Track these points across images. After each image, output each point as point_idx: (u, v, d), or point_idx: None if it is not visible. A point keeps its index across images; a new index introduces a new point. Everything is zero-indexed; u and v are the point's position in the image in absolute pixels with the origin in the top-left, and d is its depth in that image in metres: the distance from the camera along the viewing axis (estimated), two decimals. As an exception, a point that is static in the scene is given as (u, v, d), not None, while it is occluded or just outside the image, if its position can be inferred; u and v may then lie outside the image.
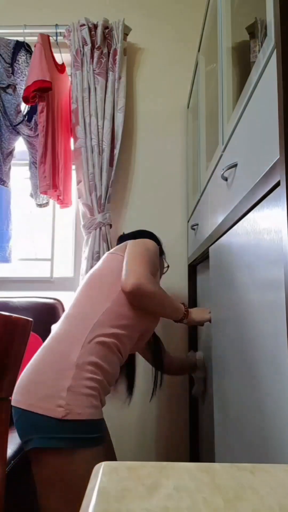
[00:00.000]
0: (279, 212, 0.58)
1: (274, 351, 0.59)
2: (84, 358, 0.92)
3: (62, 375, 0.89)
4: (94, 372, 0.92)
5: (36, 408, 0.86)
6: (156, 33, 1.91)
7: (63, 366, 0.91)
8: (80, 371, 0.90)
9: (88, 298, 1.04)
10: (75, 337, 0.95)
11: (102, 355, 0.95)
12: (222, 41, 1.03)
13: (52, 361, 0.92)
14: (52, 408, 0.85)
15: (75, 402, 0.86)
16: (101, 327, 0.97)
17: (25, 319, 0.62)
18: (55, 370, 0.91)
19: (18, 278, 1.89)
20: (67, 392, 0.87)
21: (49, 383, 0.89)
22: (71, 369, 0.90)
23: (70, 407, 0.85)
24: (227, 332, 0.91)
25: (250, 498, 0.30)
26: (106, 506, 0.28)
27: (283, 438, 0.54)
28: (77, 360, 0.91)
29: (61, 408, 0.85)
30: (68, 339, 0.95)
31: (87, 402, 0.88)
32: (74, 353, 0.92)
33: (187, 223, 1.78)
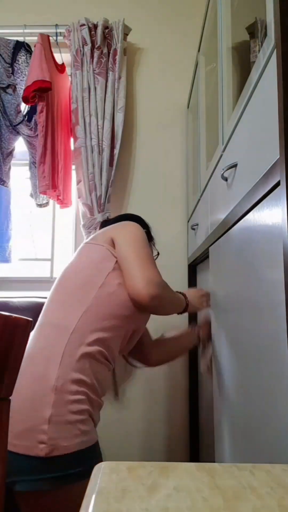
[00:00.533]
0: (279, 212, 0.58)
1: (274, 351, 0.59)
2: (64, 378, 0.78)
3: (40, 403, 0.75)
4: (79, 392, 0.78)
5: (14, 447, 0.72)
6: (156, 33, 1.91)
7: (41, 393, 0.76)
8: (62, 395, 0.76)
9: (60, 301, 0.89)
10: (51, 354, 0.80)
11: (86, 369, 0.81)
12: (222, 41, 1.03)
13: (26, 387, 0.77)
14: (32, 445, 0.72)
15: (59, 435, 0.73)
16: (80, 336, 0.83)
17: (25, 319, 0.61)
18: (30, 398, 0.76)
19: (18, 278, 1.89)
20: (49, 424, 0.73)
21: (25, 415, 0.75)
22: (50, 395, 0.76)
23: (54, 441, 0.72)
24: (227, 332, 0.91)
25: (250, 498, 0.30)
26: (106, 506, 0.28)
27: (283, 438, 0.54)
28: (55, 383, 0.77)
29: (43, 445, 0.72)
30: (42, 357, 0.80)
31: (75, 431, 0.75)
32: (51, 374, 0.77)
33: (187, 223, 1.78)
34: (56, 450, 0.72)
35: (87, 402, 0.80)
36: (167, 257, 1.80)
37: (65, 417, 0.75)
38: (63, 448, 0.73)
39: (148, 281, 0.85)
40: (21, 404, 0.75)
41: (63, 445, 0.73)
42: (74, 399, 0.77)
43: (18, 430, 0.73)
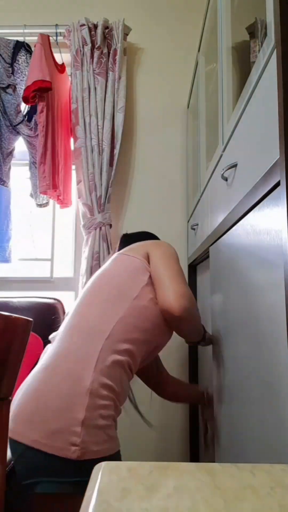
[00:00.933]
0: (279, 212, 0.58)
1: (274, 351, 0.58)
2: (98, 382, 0.78)
3: (75, 405, 0.75)
4: (109, 398, 0.79)
5: (44, 447, 0.72)
6: (156, 33, 1.91)
7: (75, 394, 0.76)
8: (95, 399, 0.77)
9: (95, 306, 0.89)
10: (86, 357, 0.80)
11: (116, 377, 0.82)
12: (222, 41, 1.03)
13: (60, 386, 0.77)
14: (64, 447, 0.72)
15: (91, 439, 0.73)
16: (114, 343, 0.83)
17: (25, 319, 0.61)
18: (65, 398, 0.76)
19: (18, 278, 1.89)
20: (82, 427, 0.73)
21: (59, 415, 0.74)
22: (85, 397, 0.76)
23: (86, 445, 0.72)
24: (227, 332, 0.91)
25: (250, 498, 0.30)
26: (106, 506, 0.28)
27: (283, 438, 0.54)
28: (90, 386, 0.77)
29: (75, 447, 0.71)
30: (77, 359, 0.80)
31: (104, 436, 0.76)
32: (86, 377, 0.78)
33: (187, 223, 1.78)
34: (88, 454, 0.72)
35: (114, 408, 0.80)
36: (167, 257, 1.80)
37: (96, 422, 0.75)
38: (94, 452, 0.73)
39: (180, 295, 0.88)
40: (55, 402, 0.75)
41: (94, 449, 0.73)
42: (104, 404, 0.78)
43: (50, 430, 0.73)
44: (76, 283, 1.82)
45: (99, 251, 1.66)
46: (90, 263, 1.65)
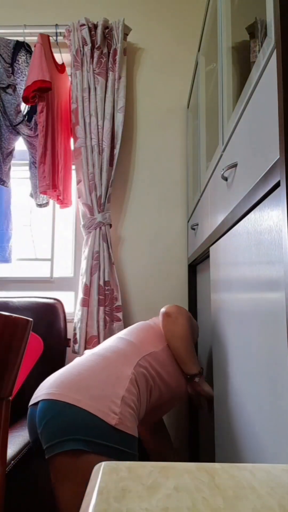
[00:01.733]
0: (279, 212, 0.58)
1: (274, 351, 0.59)
2: (135, 376, 0.93)
3: (119, 382, 0.87)
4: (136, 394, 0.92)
5: (87, 406, 0.79)
6: (156, 33, 1.91)
7: (120, 375, 0.89)
8: (132, 386, 0.89)
9: (145, 332, 1.11)
10: (130, 356, 0.98)
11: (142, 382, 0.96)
12: (222, 41, 1.03)
13: (108, 367, 0.90)
14: (106, 411, 0.80)
15: (126, 414, 0.83)
16: (150, 359, 1.02)
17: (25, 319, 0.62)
18: (112, 375, 0.88)
19: (18, 278, 1.89)
20: (121, 401, 0.83)
21: (103, 385, 0.84)
22: (126, 380, 0.89)
23: (123, 416, 0.82)
24: (227, 332, 0.91)
25: (250, 498, 0.30)
26: (106, 506, 0.28)
27: (283, 438, 0.54)
28: (131, 375, 0.91)
29: (114, 415, 0.80)
30: (123, 355, 0.97)
31: (133, 419, 0.85)
32: (129, 368, 0.92)
33: (187, 223, 1.78)
34: (123, 425, 0.81)
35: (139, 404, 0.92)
36: (167, 257, 1.80)
37: (130, 403, 0.86)
38: (127, 427, 0.82)
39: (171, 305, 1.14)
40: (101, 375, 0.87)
41: (127, 424, 0.82)
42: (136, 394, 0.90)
43: (95, 394, 0.81)
44: (76, 283, 1.83)
45: (99, 251, 1.66)
46: (90, 263, 1.65)
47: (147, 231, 1.82)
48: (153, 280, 1.79)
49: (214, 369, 1.08)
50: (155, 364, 1.02)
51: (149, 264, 1.80)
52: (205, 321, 1.44)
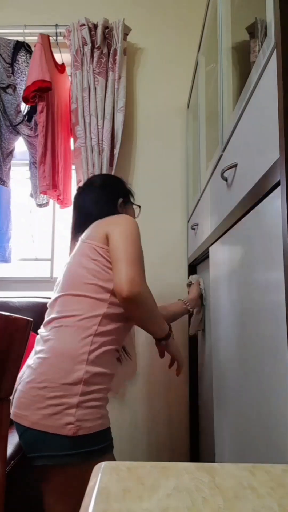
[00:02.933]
0: (279, 212, 0.58)
1: (274, 351, 0.59)
2: (90, 372, 0.88)
3: (70, 392, 0.85)
4: (101, 383, 0.90)
5: (42, 427, 0.83)
6: (156, 33, 1.91)
7: (70, 382, 0.86)
8: (88, 386, 0.87)
9: (79, 302, 0.95)
10: (77, 354, 0.89)
11: (107, 363, 0.92)
12: (222, 41, 1.03)
13: (55, 378, 0.87)
14: (61, 426, 0.82)
15: (85, 417, 0.84)
16: (101, 337, 0.92)
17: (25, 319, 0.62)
18: (60, 387, 0.86)
19: (18, 278, 1.89)
20: (76, 409, 0.84)
21: (55, 401, 0.84)
22: (79, 386, 0.86)
23: (80, 423, 0.83)
24: (227, 332, 0.91)
25: (250, 498, 0.30)
26: (106, 506, 0.28)
27: (283, 438, 0.54)
28: (83, 375, 0.87)
29: (71, 425, 0.82)
30: (69, 356, 0.89)
31: (97, 414, 0.87)
32: (79, 371, 0.87)
33: (187, 223, 1.78)
34: (81, 430, 0.83)
35: (106, 390, 0.92)
36: (167, 257, 1.80)
37: (90, 403, 0.86)
38: (87, 428, 0.84)
39: (131, 279, 0.90)
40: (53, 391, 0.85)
41: (87, 426, 0.84)
42: (97, 388, 0.89)
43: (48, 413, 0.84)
44: (76, 283, 1.82)
45: (99, 251, 1.66)
46: (90, 263, 1.65)
47: (147, 231, 1.82)
48: (153, 280, 1.79)
49: (214, 369, 1.08)
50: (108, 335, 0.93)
51: (149, 264, 1.79)
52: (205, 320, 1.44)
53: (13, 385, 0.62)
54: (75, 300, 0.95)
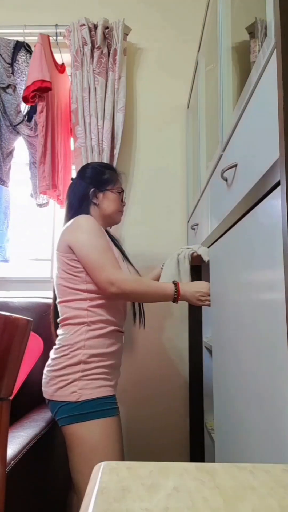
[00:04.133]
0: (279, 212, 0.58)
1: (274, 351, 0.59)
2: (87, 354, 1.09)
3: (73, 370, 1.08)
4: (100, 361, 1.10)
5: (56, 397, 1.07)
6: (156, 33, 1.91)
7: (72, 364, 1.08)
8: (87, 365, 1.08)
9: (67, 307, 1.15)
10: (75, 342, 1.10)
11: (102, 344, 1.12)
12: (222, 41, 1.03)
13: (62, 361, 1.10)
14: (68, 395, 1.05)
15: (85, 387, 1.06)
16: (93, 325, 1.12)
17: (25, 319, 0.61)
18: (66, 367, 1.09)
19: (18, 278, 1.89)
20: (79, 381, 1.06)
21: (63, 377, 1.08)
22: (79, 366, 1.08)
23: (82, 391, 1.05)
24: (227, 332, 0.91)
25: (250, 498, 0.30)
26: (106, 506, 0.28)
27: (283, 438, 0.54)
28: (81, 358, 1.08)
29: (74, 393, 1.05)
30: (69, 344, 1.11)
31: (97, 384, 1.07)
32: (79, 355, 1.09)
33: (187, 223, 1.78)
34: (83, 396, 1.05)
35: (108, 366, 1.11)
36: (167, 257, 1.79)
37: (90, 377, 1.07)
38: (88, 395, 1.05)
39: (107, 282, 1.08)
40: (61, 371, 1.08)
41: (88, 393, 1.05)
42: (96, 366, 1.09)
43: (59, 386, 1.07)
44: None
45: (99, 251, 1.66)
46: (90, 263, 1.65)
47: (147, 231, 1.82)
48: (153, 280, 1.79)
49: (214, 369, 1.08)
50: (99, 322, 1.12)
51: (149, 264, 1.80)
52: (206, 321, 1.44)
53: (13, 385, 0.62)
54: (64, 305, 1.15)
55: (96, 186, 1.24)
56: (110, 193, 1.25)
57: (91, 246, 1.11)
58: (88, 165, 1.32)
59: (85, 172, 1.28)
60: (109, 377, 1.11)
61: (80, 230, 1.14)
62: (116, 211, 1.27)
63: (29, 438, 1.07)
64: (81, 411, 1.04)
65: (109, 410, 1.07)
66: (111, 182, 1.26)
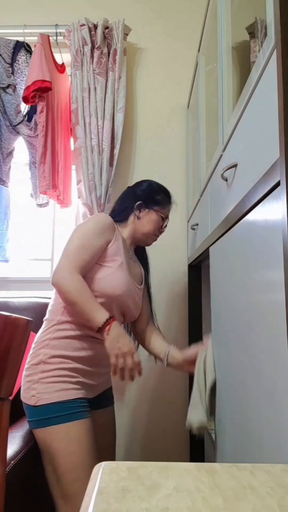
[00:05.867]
0: (279, 212, 0.58)
1: (274, 351, 0.59)
2: (48, 355, 1.06)
3: (34, 371, 1.06)
4: (62, 363, 1.06)
5: (23, 399, 1.06)
6: (156, 33, 1.91)
7: (34, 363, 1.07)
8: (47, 365, 1.05)
9: (52, 298, 1.16)
10: (41, 340, 1.10)
11: (68, 346, 1.07)
12: (222, 41, 1.03)
13: (29, 360, 1.10)
14: (28, 398, 1.04)
15: (44, 390, 1.02)
16: (63, 325, 1.09)
17: (25, 319, 0.62)
18: (30, 367, 1.08)
19: (18, 278, 1.89)
20: (38, 383, 1.03)
21: (27, 378, 1.07)
22: (39, 366, 1.05)
23: (40, 395, 1.02)
24: (227, 332, 0.91)
25: (250, 498, 0.30)
26: (106, 506, 0.28)
27: (283, 438, 0.54)
28: (41, 358, 1.06)
29: (33, 397, 1.03)
30: (38, 341, 1.11)
31: (56, 387, 1.03)
32: (40, 355, 1.07)
33: (187, 223, 1.78)
34: (41, 400, 1.01)
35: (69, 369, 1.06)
36: (167, 257, 1.80)
37: (49, 379, 1.04)
38: (45, 399, 1.02)
39: (55, 270, 1.05)
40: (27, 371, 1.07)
41: (45, 397, 1.02)
42: (56, 368, 1.05)
43: (24, 388, 1.06)
44: (76, 283, 1.82)
45: (99, 251, 1.66)
46: (90, 263, 1.65)
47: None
48: (153, 280, 1.79)
49: (215, 368, 1.08)
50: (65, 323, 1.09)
51: (149, 264, 1.80)
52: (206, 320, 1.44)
53: (13, 385, 0.62)
54: (51, 299, 1.17)
55: (145, 201, 1.24)
56: (155, 214, 1.23)
57: (77, 238, 1.09)
58: (147, 181, 1.31)
59: (141, 185, 1.29)
60: (73, 380, 1.05)
61: (86, 222, 1.14)
62: (152, 233, 1.24)
63: (29, 438, 1.07)
64: (42, 416, 1.01)
65: (71, 415, 1.01)
66: (161, 204, 1.25)
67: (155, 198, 1.25)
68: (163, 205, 1.26)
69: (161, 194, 1.27)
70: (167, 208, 1.27)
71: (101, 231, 1.12)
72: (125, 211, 1.24)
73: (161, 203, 1.25)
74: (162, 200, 1.26)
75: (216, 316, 1.07)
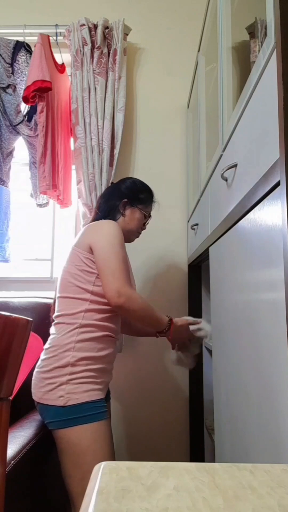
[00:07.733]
0: (279, 212, 0.58)
1: (274, 351, 0.59)
2: (76, 357, 1.08)
3: (61, 373, 1.07)
4: (89, 364, 1.08)
5: (44, 400, 1.06)
6: (156, 33, 1.91)
7: (61, 366, 1.08)
8: (75, 367, 1.07)
9: (66, 302, 1.14)
10: (65, 343, 1.10)
11: (92, 348, 1.10)
12: (222, 41, 1.03)
13: (50, 363, 1.09)
14: (55, 399, 1.05)
15: (73, 391, 1.05)
16: (86, 328, 1.11)
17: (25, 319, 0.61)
18: (53, 370, 1.08)
19: (18, 278, 1.89)
20: (66, 385, 1.05)
21: (51, 380, 1.07)
22: (67, 368, 1.07)
23: (69, 395, 1.04)
24: (227, 332, 0.91)
25: (250, 498, 0.30)
26: (106, 506, 0.28)
27: (283, 438, 0.54)
28: (70, 360, 1.07)
29: (62, 398, 1.04)
30: (60, 346, 1.10)
31: (85, 388, 1.06)
32: (67, 357, 1.08)
33: (187, 223, 1.78)
34: (70, 401, 1.04)
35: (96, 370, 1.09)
36: (167, 257, 1.80)
37: (78, 380, 1.06)
38: (75, 399, 1.04)
39: (116, 292, 1.06)
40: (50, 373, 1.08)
41: (75, 397, 1.04)
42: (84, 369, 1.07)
43: (47, 389, 1.06)
44: (76, 283, 1.82)
45: (99, 251, 1.66)
46: (90, 263, 1.64)
47: (147, 231, 1.82)
48: (153, 280, 1.79)
49: (214, 369, 1.08)
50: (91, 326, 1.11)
51: (149, 264, 1.80)
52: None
53: (13, 385, 0.62)
54: (64, 301, 1.15)
55: (130, 199, 1.28)
56: (138, 212, 1.29)
57: (113, 252, 1.10)
58: (130, 178, 1.36)
59: (125, 183, 1.32)
60: (98, 380, 1.09)
61: (108, 234, 1.14)
62: (135, 230, 1.30)
63: (29, 438, 1.07)
64: (69, 416, 1.04)
65: (98, 414, 1.05)
66: (144, 203, 1.31)
67: (139, 196, 1.30)
68: (146, 204, 1.32)
69: (145, 192, 1.32)
70: (150, 207, 1.34)
71: (122, 239, 1.16)
72: (113, 209, 1.28)
73: (145, 201, 1.31)
74: (145, 198, 1.31)
75: (216, 316, 1.07)
